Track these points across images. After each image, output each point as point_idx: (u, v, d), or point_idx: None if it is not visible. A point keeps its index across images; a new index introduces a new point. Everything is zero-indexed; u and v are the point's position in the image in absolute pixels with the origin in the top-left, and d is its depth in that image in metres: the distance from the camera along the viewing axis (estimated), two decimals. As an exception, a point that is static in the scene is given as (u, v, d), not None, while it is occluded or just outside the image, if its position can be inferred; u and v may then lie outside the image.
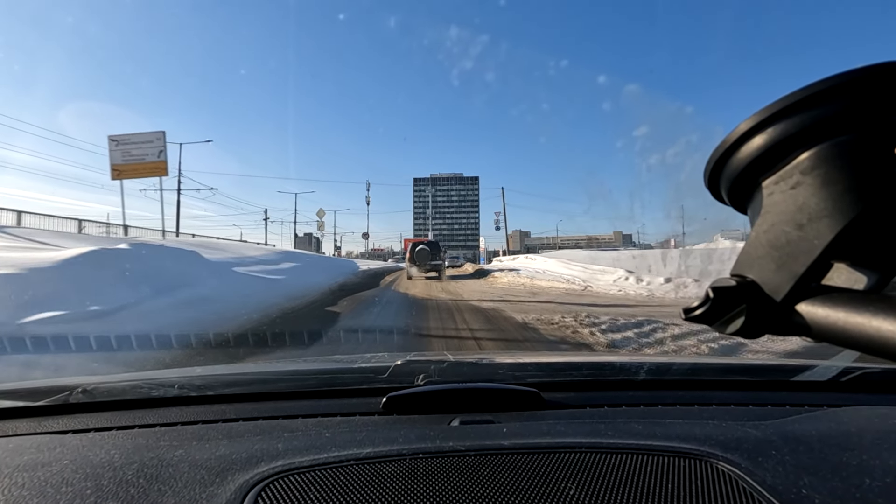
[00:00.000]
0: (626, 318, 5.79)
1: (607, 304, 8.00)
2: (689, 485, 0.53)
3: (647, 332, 4.90)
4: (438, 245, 16.83)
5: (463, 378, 0.93)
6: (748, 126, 0.26)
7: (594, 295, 10.25)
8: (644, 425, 0.71)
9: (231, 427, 0.76)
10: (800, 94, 0.24)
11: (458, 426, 0.73)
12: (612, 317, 5.84)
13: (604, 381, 0.99)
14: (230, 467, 0.58)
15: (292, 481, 0.54)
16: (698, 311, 0.27)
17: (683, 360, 1.68)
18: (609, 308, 7.27)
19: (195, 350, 3.59)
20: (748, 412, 0.82)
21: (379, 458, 0.59)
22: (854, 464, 0.58)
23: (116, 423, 0.78)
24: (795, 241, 0.25)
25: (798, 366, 1.06)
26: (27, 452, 0.63)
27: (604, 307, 7.42)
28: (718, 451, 0.60)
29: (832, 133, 0.24)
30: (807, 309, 0.24)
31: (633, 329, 5.01)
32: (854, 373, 0.95)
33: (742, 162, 0.27)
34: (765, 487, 0.52)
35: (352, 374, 1.09)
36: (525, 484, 0.54)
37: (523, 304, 7.93)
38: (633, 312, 6.57)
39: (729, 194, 0.30)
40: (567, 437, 0.66)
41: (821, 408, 0.83)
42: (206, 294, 6.26)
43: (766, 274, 0.26)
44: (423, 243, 16.32)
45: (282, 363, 1.64)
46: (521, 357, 1.43)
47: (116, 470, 0.57)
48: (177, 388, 0.91)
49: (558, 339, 4.69)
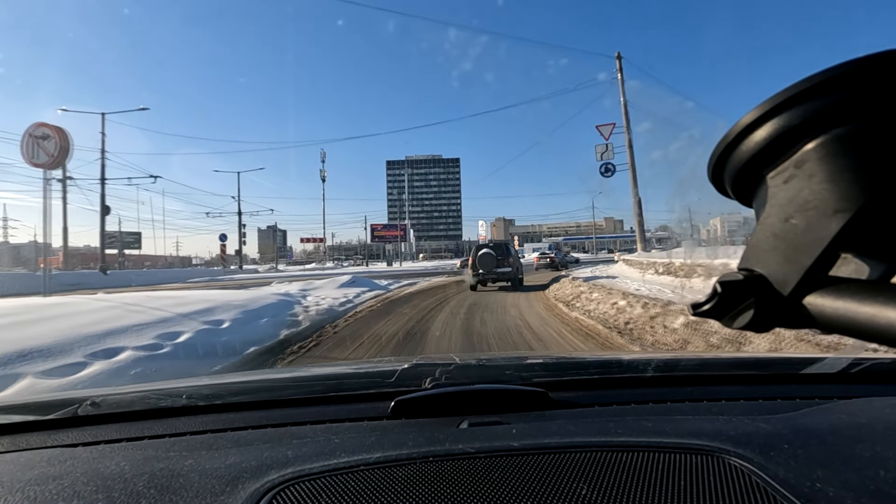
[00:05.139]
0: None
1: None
2: (701, 481, 0.53)
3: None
4: (507, 247, 13.00)
5: (470, 380, 0.92)
6: (751, 118, 0.26)
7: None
8: (654, 422, 0.70)
9: (240, 435, 0.76)
10: (803, 84, 0.24)
11: (467, 428, 0.73)
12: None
13: (611, 380, 0.98)
14: (240, 475, 0.58)
15: (303, 488, 0.54)
16: (706, 307, 0.27)
17: (691, 355, 1.64)
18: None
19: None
20: (758, 406, 0.82)
21: (389, 462, 0.59)
22: (867, 455, 0.57)
23: (126, 435, 0.78)
24: (802, 233, 0.25)
25: (807, 358, 1.06)
26: (38, 466, 0.64)
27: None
28: (730, 447, 0.60)
29: (836, 123, 0.24)
30: (815, 301, 0.24)
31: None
32: (864, 364, 0.94)
33: (745, 155, 0.27)
34: (778, 482, 0.52)
35: (359, 379, 1.10)
36: (536, 485, 0.53)
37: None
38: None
39: (733, 188, 0.30)
40: (577, 437, 0.65)
41: (831, 400, 0.82)
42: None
43: (773, 267, 0.26)
44: (488, 246, 12.74)
45: (288, 370, 1.67)
46: (527, 357, 1.45)
47: (127, 481, 0.57)
48: (185, 397, 0.91)
49: None
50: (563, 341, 5.07)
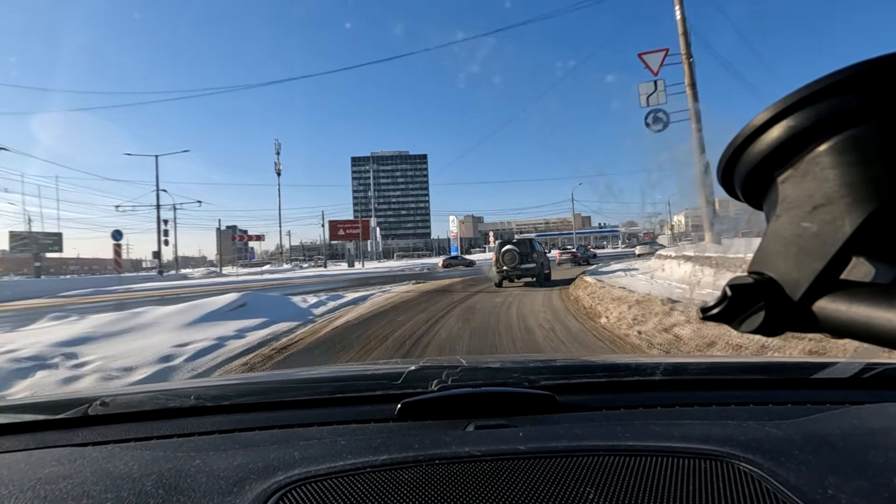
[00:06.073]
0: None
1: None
2: (710, 487, 0.52)
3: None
4: (531, 243, 12.93)
5: (477, 383, 0.91)
6: (763, 119, 0.26)
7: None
8: (662, 427, 0.69)
9: (247, 436, 0.76)
10: (816, 85, 0.24)
11: (474, 431, 0.72)
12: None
13: (619, 383, 0.97)
14: (248, 476, 0.58)
15: (309, 489, 0.54)
16: (716, 310, 0.27)
17: (699, 359, 1.55)
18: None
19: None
20: (768, 411, 0.80)
21: (395, 464, 0.59)
22: (880, 462, 0.57)
23: (135, 435, 0.78)
24: (814, 236, 0.24)
25: (818, 363, 1.03)
26: (49, 465, 0.64)
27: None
28: (739, 452, 0.59)
29: (850, 124, 0.23)
30: (827, 305, 0.24)
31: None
32: (877, 369, 0.92)
33: (757, 156, 0.27)
34: (788, 488, 0.51)
35: (365, 381, 1.08)
36: (543, 488, 0.53)
37: None
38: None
39: (743, 190, 0.29)
40: (584, 441, 0.65)
41: (843, 405, 0.80)
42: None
43: (784, 270, 0.25)
44: (511, 243, 12.65)
45: (295, 371, 1.57)
46: (534, 360, 1.38)
47: (136, 481, 0.58)
48: (193, 398, 0.91)
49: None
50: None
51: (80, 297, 17.82)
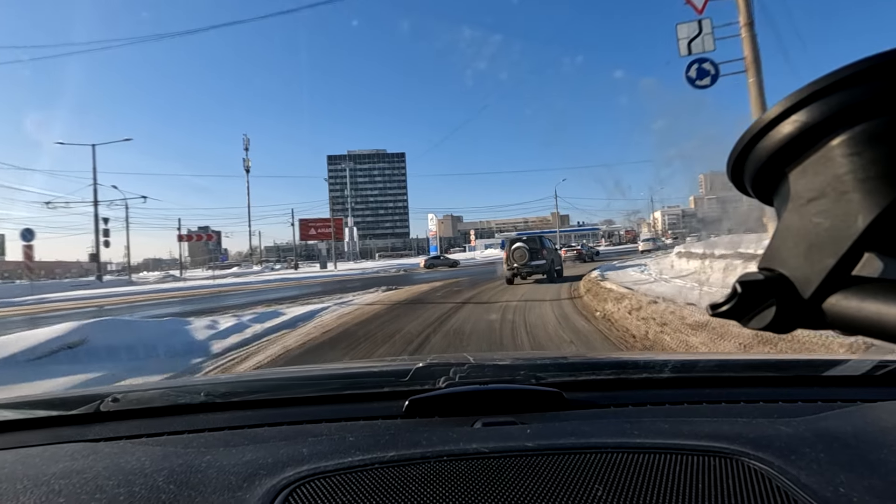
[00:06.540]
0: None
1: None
2: (720, 484, 0.52)
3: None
4: (541, 240, 13.25)
5: (484, 380, 0.90)
6: (774, 114, 0.25)
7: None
8: (671, 424, 0.69)
9: (256, 432, 0.76)
10: (829, 78, 0.23)
11: (481, 428, 0.72)
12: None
13: (627, 380, 0.96)
14: (257, 472, 0.58)
15: (318, 485, 0.55)
16: (725, 307, 0.27)
17: (708, 356, 1.58)
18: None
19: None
20: (778, 409, 0.80)
21: (403, 461, 0.59)
22: (893, 460, 0.56)
23: (146, 431, 0.78)
24: (826, 232, 0.24)
25: (829, 360, 1.03)
26: (62, 460, 0.64)
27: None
28: (749, 450, 0.58)
29: (863, 118, 0.23)
30: (839, 301, 0.23)
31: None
32: (889, 366, 0.90)
33: (768, 151, 0.26)
34: (799, 486, 0.51)
35: (373, 378, 1.08)
36: (550, 486, 0.53)
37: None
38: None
39: (753, 185, 0.29)
40: (592, 438, 0.64)
41: (854, 403, 0.80)
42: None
43: (795, 266, 0.25)
44: (521, 240, 13.02)
45: (304, 368, 1.56)
46: (542, 358, 1.37)
47: (147, 476, 0.58)
48: (203, 395, 0.91)
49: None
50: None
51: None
